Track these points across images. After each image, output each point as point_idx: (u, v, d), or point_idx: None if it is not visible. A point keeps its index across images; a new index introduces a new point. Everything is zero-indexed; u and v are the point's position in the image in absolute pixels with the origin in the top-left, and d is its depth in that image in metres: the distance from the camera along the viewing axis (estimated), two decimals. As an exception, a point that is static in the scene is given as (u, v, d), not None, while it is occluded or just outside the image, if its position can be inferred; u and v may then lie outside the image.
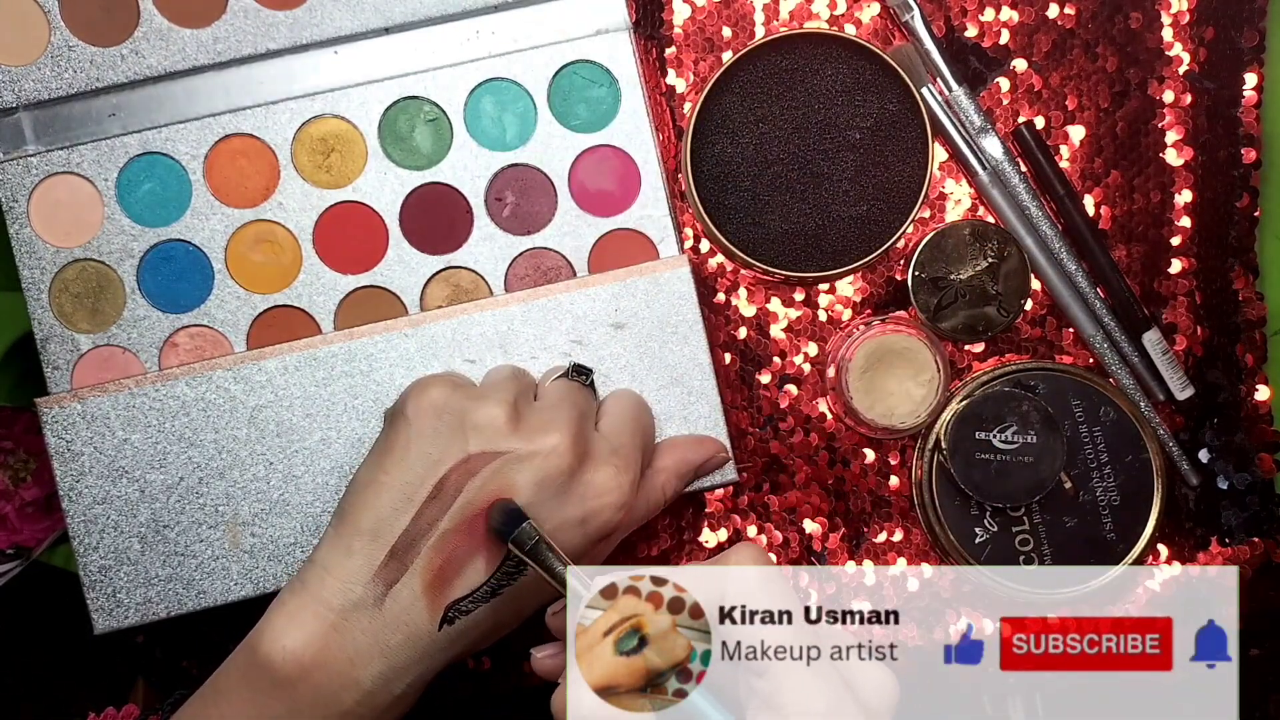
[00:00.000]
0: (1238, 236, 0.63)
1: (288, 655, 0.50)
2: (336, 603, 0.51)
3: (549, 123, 0.61)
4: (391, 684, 0.51)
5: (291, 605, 0.51)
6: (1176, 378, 0.63)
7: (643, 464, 0.56)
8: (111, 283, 0.60)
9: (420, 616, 0.51)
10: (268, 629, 0.51)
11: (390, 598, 0.51)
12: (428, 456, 0.52)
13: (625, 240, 0.61)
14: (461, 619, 0.51)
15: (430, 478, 0.52)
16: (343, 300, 0.61)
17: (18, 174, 0.59)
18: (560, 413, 0.54)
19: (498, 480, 0.52)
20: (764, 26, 0.63)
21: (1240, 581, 0.63)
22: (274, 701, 0.50)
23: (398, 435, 0.53)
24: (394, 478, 0.52)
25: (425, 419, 0.53)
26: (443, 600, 0.51)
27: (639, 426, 0.57)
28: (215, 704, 0.51)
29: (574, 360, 0.58)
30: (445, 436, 0.53)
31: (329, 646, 0.50)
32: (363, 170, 0.61)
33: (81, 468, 0.58)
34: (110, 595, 0.58)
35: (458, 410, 0.53)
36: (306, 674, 0.50)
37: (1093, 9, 0.63)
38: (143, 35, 0.60)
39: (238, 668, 0.52)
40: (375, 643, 0.51)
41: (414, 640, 0.51)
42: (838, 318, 0.63)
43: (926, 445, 0.62)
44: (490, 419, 0.53)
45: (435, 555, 0.51)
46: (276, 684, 0.50)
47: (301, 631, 0.50)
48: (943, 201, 0.63)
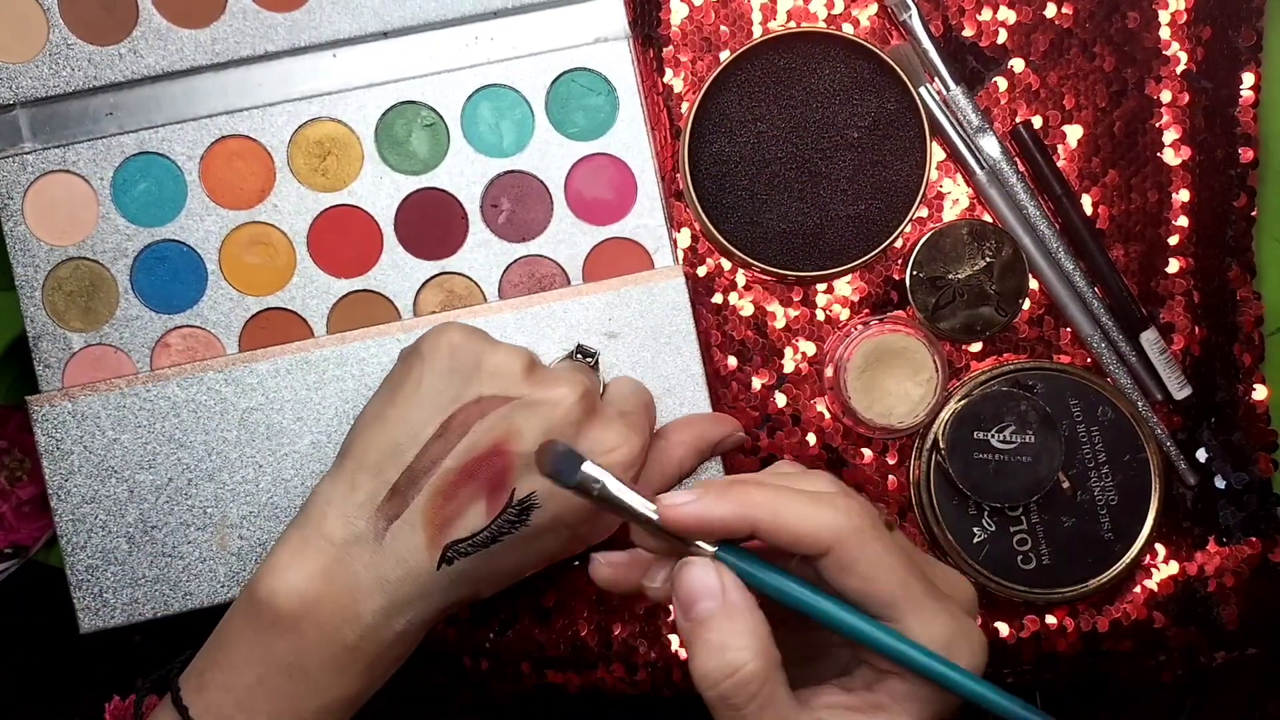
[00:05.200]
0: (1235, 236, 0.61)
1: (290, 591, 0.48)
2: (338, 537, 0.49)
3: (546, 130, 0.59)
4: (392, 619, 0.49)
5: (294, 541, 0.50)
6: (1174, 377, 0.61)
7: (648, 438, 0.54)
8: (105, 282, 0.58)
9: (419, 554, 0.49)
10: (269, 567, 0.49)
11: (391, 533, 0.49)
12: (439, 395, 0.51)
13: (620, 249, 0.60)
14: (461, 561, 0.49)
15: (438, 416, 0.50)
16: (336, 304, 0.59)
17: (13, 171, 0.58)
18: (570, 373, 0.52)
19: (505, 425, 0.50)
20: (761, 26, 0.61)
21: (1239, 581, 0.61)
22: (279, 640, 0.48)
23: (410, 371, 0.51)
24: (402, 413, 0.51)
25: (440, 358, 0.51)
26: (442, 539, 0.49)
27: (643, 403, 0.55)
28: (221, 650, 0.50)
29: (579, 343, 0.57)
30: (458, 377, 0.51)
31: (331, 581, 0.49)
32: (359, 174, 0.59)
33: (71, 466, 0.57)
34: (97, 595, 0.57)
35: (474, 352, 0.51)
36: (310, 610, 0.48)
37: (1090, 8, 0.61)
38: (141, 35, 0.58)
39: (241, 611, 0.50)
40: (375, 577, 0.49)
41: (413, 576, 0.49)
42: (836, 317, 0.61)
43: (924, 445, 0.60)
44: (506, 365, 0.51)
45: (436, 494, 0.49)
46: (280, 621, 0.48)
47: (304, 567, 0.49)
48: (940, 201, 0.61)
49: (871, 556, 0.42)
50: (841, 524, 0.41)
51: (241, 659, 0.49)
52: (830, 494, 0.43)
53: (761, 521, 0.41)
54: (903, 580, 0.42)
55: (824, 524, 0.41)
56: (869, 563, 0.41)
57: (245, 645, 0.49)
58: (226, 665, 0.49)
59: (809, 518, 0.41)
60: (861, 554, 0.41)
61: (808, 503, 0.42)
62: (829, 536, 0.41)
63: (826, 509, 0.42)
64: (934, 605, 0.42)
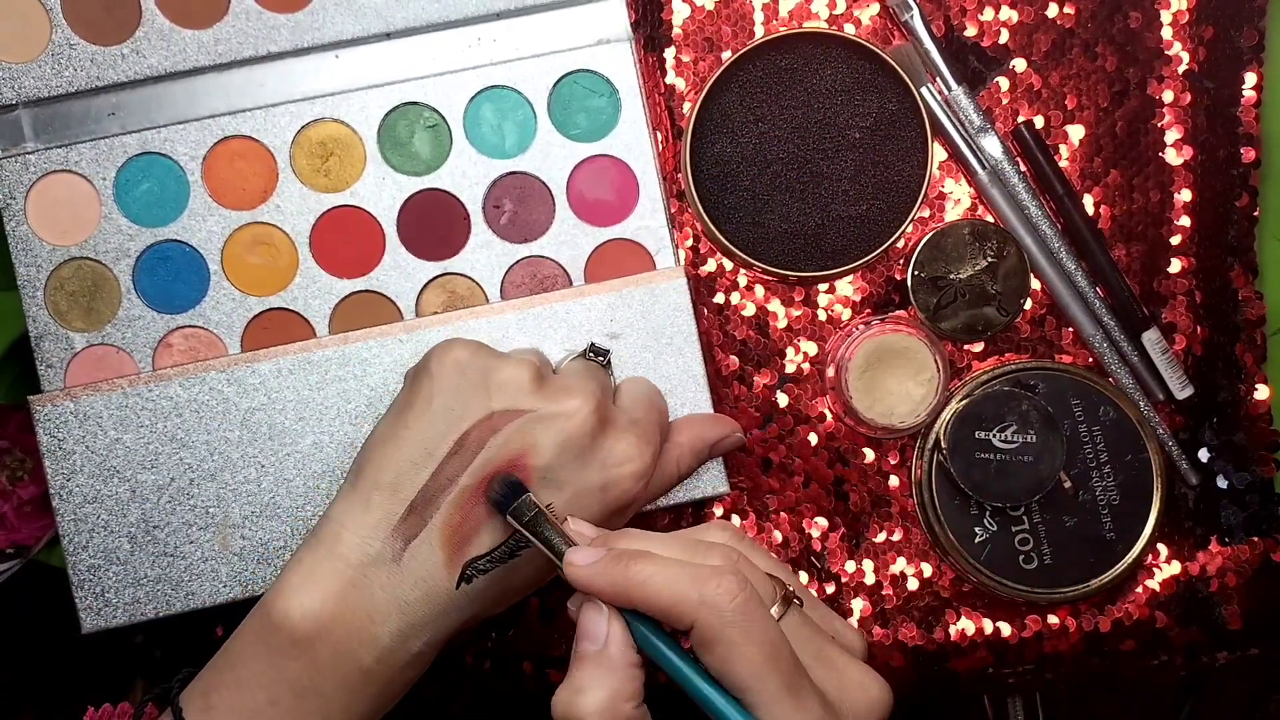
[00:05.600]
0: (1237, 236, 0.61)
1: (306, 612, 0.47)
2: (354, 558, 0.48)
3: (548, 131, 0.59)
4: (409, 641, 0.49)
5: (308, 562, 0.49)
6: (1176, 377, 0.60)
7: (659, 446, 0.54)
8: (107, 282, 0.58)
9: (438, 573, 0.49)
10: (283, 587, 0.48)
11: (409, 553, 0.49)
12: (450, 412, 0.50)
13: (622, 250, 0.59)
14: (479, 578, 0.49)
15: (452, 433, 0.50)
16: (338, 304, 0.59)
17: (16, 171, 0.58)
18: (582, 381, 0.52)
19: (520, 439, 0.49)
20: (763, 26, 0.61)
21: (1241, 581, 0.61)
22: (292, 662, 0.47)
23: (420, 391, 0.51)
24: (415, 432, 0.50)
25: (449, 375, 0.51)
26: (461, 557, 0.49)
27: (655, 406, 0.55)
28: (231, 670, 0.49)
29: (592, 341, 0.57)
30: (468, 393, 0.50)
31: (347, 602, 0.48)
32: (361, 175, 0.59)
33: (73, 466, 0.56)
34: (99, 595, 0.56)
35: (482, 368, 0.51)
36: (325, 631, 0.47)
37: (1092, 8, 0.61)
38: (144, 35, 0.58)
39: (253, 631, 0.49)
40: (393, 599, 0.48)
41: (431, 597, 0.49)
42: (837, 317, 0.61)
43: (926, 445, 0.60)
44: (514, 378, 0.51)
45: (454, 511, 0.49)
46: (295, 643, 0.47)
47: (319, 588, 0.48)
48: (942, 201, 0.61)
49: (727, 640, 0.42)
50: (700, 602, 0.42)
51: (252, 680, 0.48)
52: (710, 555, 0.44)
53: (634, 597, 0.43)
54: (757, 672, 0.41)
55: (684, 602, 0.42)
56: (725, 646, 0.42)
57: (257, 666, 0.48)
58: (235, 685, 0.48)
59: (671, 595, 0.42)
60: (718, 636, 0.42)
61: (676, 580, 0.42)
62: (689, 613, 0.42)
63: (690, 586, 0.42)
64: (791, 706, 0.41)
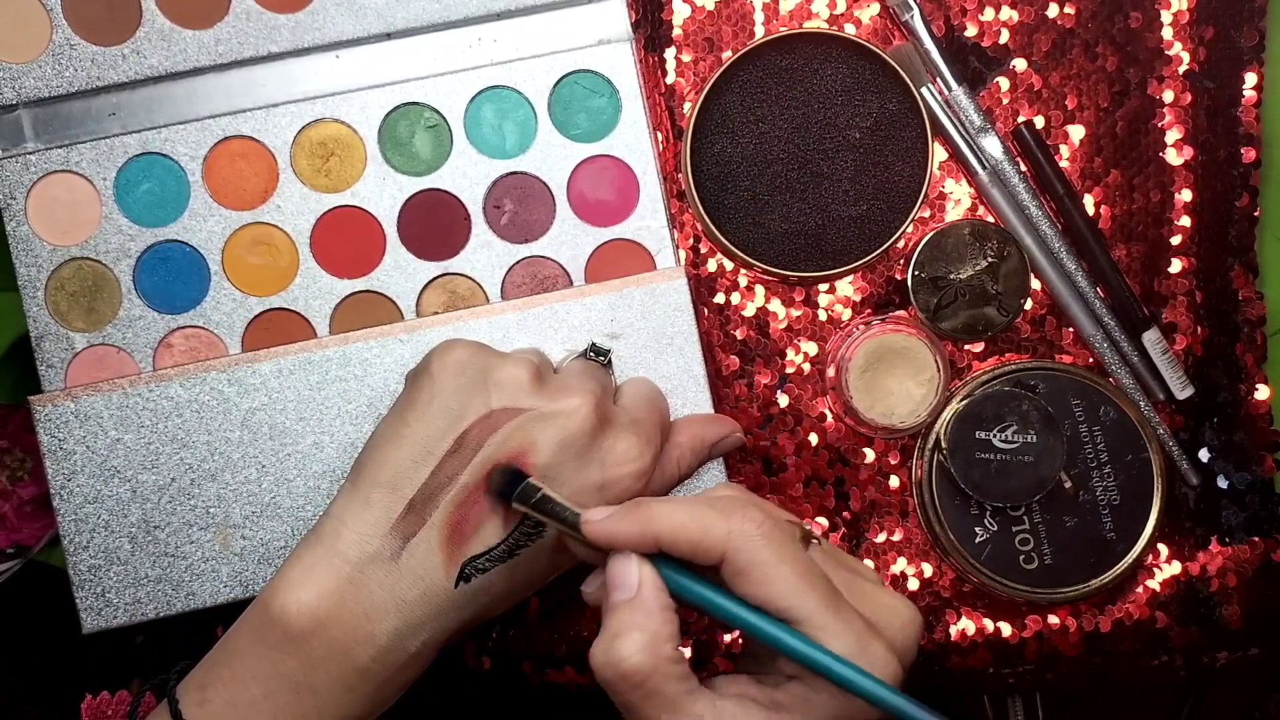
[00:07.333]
0: (1237, 236, 0.60)
1: (302, 608, 0.47)
2: (353, 555, 0.48)
3: (549, 132, 0.59)
4: (406, 640, 0.48)
5: (306, 559, 0.48)
6: (1176, 377, 0.60)
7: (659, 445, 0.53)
8: (108, 282, 0.58)
9: (437, 572, 0.48)
10: (282, 583, 0.48)
11: (407, 551, 0.48)
12: (450, 411, 0.50)
13: (623, 251, 0.59)
14: (478, 577, 0.49)
15: (451, 432, 0.49)
16: (339, 304, 0.58)
17: (16, 171, 0.57)
18: (582, 380, 0.52)
19: (519, 436, 0.49)
20: (764, 26, 0.60)
21: (1241, 581, 0.60)
22: (288, 657, 0.47)
23: (420, 390, 0.51)
24: (415, 430, 0.50)
25: (449, 374, 0.51)
26: (460, 556, 0.48)
27: (656, 406, 0.55)
28: (227, 664, 0.48)
29: (593, 341, 0.56)
30: (468, 392, 0.50)
31: (344, 600, 0.47)
32: (362, 175, 0.58)
33: (73, 467, 0.56)
34: (99, 595, 0.56)
35: (481, 367, 0.51)
36: (321, 628, 0.47)
37: (1092, 8, 0.60)
38: (144, 35, 0.57)
39: (250, 626, 0.48)
40: (391, 597, 0.48)
41: (430, 596, 0.48)
42: (837, 317, 0.61)
43: (926, 445, 0.59)
44: (514, 377, 0.50)
45: (454, 509, 0.49)
46: (290, 639, 0.47)
47: (317, 585, 0.47)
48: (942, 201, 0.61)
49: (760, 563, 0.43)
50: (729, 531, 0.44)
51: (248, 674, 0.48)
52: (729, 500, 0.45)
53: (661, 535, 0.44)
54: (795, 590, 0.43)
55: (713, 532, 0.44)
56: (760, 569, 0.43)
57: (252, 660, 0.48)
58: (231, 680, 0.48)
59: (699, 527, 0.44)
60: (752, 560, 0.43)
61: (702, 514, 0.44)
62: (718, 543, 0.44)
63: (717, 518, 0.44)
64: (835, 621, 0.43)
